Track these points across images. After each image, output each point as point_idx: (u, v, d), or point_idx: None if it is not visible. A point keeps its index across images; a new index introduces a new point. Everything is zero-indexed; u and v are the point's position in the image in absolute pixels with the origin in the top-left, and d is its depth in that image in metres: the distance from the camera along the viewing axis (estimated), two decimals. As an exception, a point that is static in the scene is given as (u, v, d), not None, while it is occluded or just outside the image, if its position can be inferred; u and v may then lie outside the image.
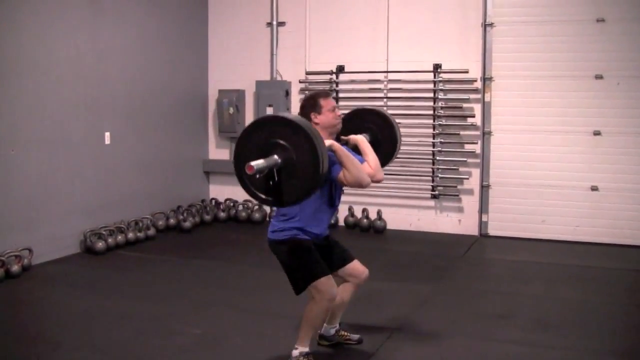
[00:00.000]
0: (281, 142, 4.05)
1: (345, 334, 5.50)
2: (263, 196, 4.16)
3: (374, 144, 5.39)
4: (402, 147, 9.63)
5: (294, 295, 4.96)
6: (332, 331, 5.42)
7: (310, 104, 4.93)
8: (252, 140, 4.14)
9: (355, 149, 5.16)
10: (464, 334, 5.90)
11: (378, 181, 5.11)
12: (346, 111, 5.66)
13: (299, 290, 4.90)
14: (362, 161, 4.99)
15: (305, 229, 4.90)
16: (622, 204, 9.37)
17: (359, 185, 4.66)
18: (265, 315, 6.34)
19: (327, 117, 4.90)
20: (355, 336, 5.51)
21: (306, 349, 4.95)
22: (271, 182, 4.09)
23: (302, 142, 4.03)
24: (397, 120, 10.23)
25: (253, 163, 3.93)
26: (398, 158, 10.05)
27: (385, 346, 5.55)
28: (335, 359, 5.26)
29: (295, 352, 4.96)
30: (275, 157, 4.04)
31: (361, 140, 5.20)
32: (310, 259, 4.86)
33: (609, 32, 9.25)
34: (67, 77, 8.57)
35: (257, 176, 4.00)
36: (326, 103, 4.93)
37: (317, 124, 4.83)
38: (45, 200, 8.30)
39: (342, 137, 5.17)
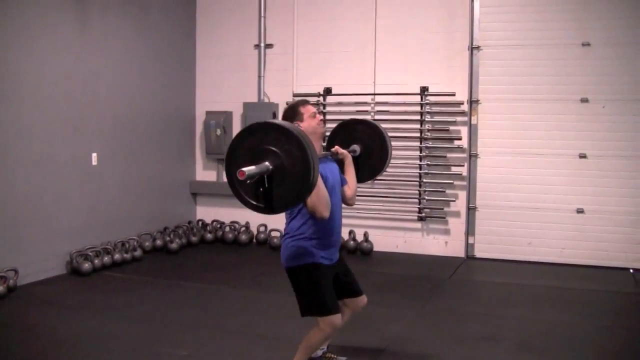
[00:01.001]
0: (273, 148, 4.04)
1: (332, 356, 5.49)
2: (254, 202, 4.13)
3: (364, 154, 5.49)
4: (388, 170, 9.69)
5: (282, 318, 4.98)
6: (320, 353, 5.41)
7: (290, 114, 4.96)
8: (244, 145, 4.12)
9: (340, 163, 5.20)
10: (450, 357, 5.90)
11: (350, 205, 5.23)
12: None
13: (306, 315, 4.90)
14: (344, 182, 5.05)
15: (318, 241, 4.86)
16: (608, 226, 9.41)
17: (313, 213, 4.62)
18: (253, 337, 6.32)
19: (310, 123, 4.93)
20: (342, 358, 5.51)
21: None
22: (261, 189, 4.07)
23: (293, 149, 4.03)
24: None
25: (245, 169, 3.92)
26: (385, 180, 10.18)
27: (371, 368, 5.55)
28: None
29: None
30: (267, 163, 4.02)
31: (348, 161, 5.23)
32: (325, 293, 4.85)
33: (594, 56, 9.34)
34: (54, 97, 8.57)
35: (248, 182, 3.99)
36: (305, 110, 4.98)
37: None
38: (31, 221, 8.27)
39: (332, 150, 5.20)
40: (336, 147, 5.29)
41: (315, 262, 4.83)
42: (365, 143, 5.66)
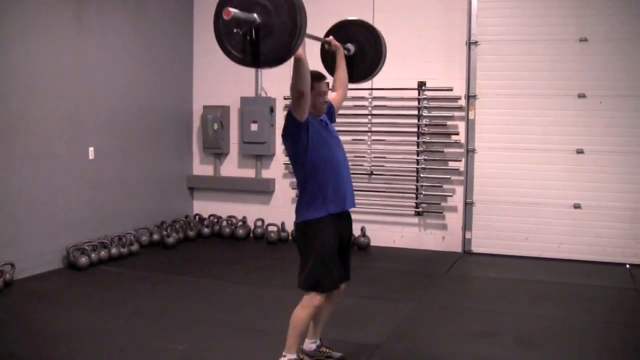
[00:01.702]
0: (263, 2, 4.04)
1: (327, 350, 5.47)
2: (239, 55, 4.12)
3: (358, 54, 5.72)
4: (385, 164, 9.67)
5: (277, 312, 4.97)
6: (314, 346, 5.37)
7: None
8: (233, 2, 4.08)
9: (332, 57, 5.51)
10: (446, 352, 5.90)
11: (341, 97, 5.47)
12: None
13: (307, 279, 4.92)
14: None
15: (327, 195, 4.93)
16: (605, 221, 9.43)
17: (292, 89, 4.77)
18: (249, 332, 6.32)
19: (315, 99, 4.99)
20: (337, 354, 5.48)
21: (294, 357, 4.95)
22: (248, 39, 4.04)
23: (283, 6, 4.02)
24: (381, 137, 10.36)
25: (232, 9, 3.88)
26: (382, 175, 10.19)
27: (368, 363, 5.56)
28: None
29: None
30: (255, 15, 4.01)
31: (340, 54, 5.44)
32: (331, 266, 4.90)
33: (592, 52, 9.35)
34: (51, 92, 8.55)
35: (235, 30, 3.94)
36: (318, 86, 5.03)
37: None
38: (28, 215, 8.26)
39: (326, 39, 5.35)
40: (330, 37, 5.33)
41: (323, 217, 4.90)
42: (360, 43, 5.81)
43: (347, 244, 5.24)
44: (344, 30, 5.83)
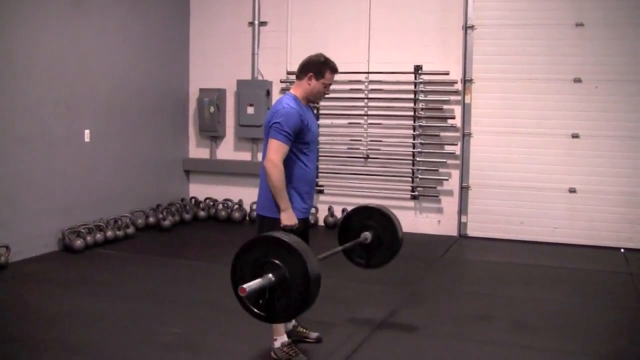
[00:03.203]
0: (276, 261, 4.08)
1: (304, 330, 5.50)
2: (256, 311, 4.19)
3: (375, 243, 5.61)
4: (382, 148, 9.68)
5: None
6: (290, 326, 5.39)
7: (317, 67, 5.01)
8: (248, 258, 4.17)
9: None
10: (442, 335, 5.93)
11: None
12: (326, 112, 5.69)
13: None
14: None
15: (295, 190, 5.01)
16: (600, 205, 9.46)
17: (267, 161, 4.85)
18: (245, 314, 6.29)
19: (319, 87, 5.01)
20: (314, 334, 5.52)
21: (285, 338, 5.00)
22: (261, 300, 4.13)
23: (295, 262, 4.06)
24: (378, 121, 10.36)
25: (246, 285, 3.96)
26: (378, 159, 10.20)
27: (363, 346, 5.56)
28: (314, 358, 5.26)
29: (276, 344, 5.01)
30: (270, 275, 4.07)
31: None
32: None
33: (588, 37, 9.34)
34: (47, 75, 8.52)
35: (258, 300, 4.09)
36: (329, 77, 5.04)
37: (307, 85, 4.97)
38: (23, 198, 8.25)
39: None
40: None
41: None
42: (377, 232, 5.68)
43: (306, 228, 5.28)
44: (360, 215, 5.74)
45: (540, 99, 9.62)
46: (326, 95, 5.28)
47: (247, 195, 10.98)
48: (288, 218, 4.85)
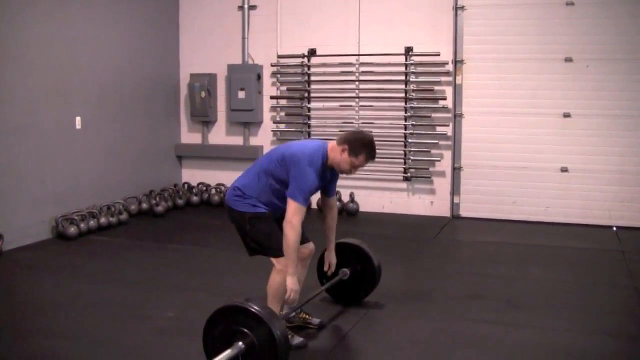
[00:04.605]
0: (244, 329, 4.27)
1: (307, 316, 5.52)
2: None
3: (353, 276, 5.84)
4: (373, 130, 9.68)
5: (267, 279, 5.01)
6: (293, 313, 5.38)
7: (356, 146, 5.05)
8: (217, 327, 4.41)
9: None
10: (436, 315, 5.96)
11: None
12: (318, 94, 5.67)
13: (254, 255, 5.26)
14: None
15: (260, 201, 5.08)
16: (592, 184, 9.49)
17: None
18: (241, 293, 6.33)
19: (346, 163, 5.08)
20: (317, 320, 5.53)
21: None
22: None
23: (263, 332, 4.23)
24: (369, 103, 10.34)
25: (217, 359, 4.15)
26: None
27: (357, 327, 5.59)
28: (308, 337, 5.27)
29: None
30: (240, 343, 4.24)
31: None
32: (274, 234, 5.02)
33: (579, 15, 9.33)
34: (36, 62, 8.47)
35: None
36: (362, 160, 5.12)
37: (340, 154, 5.04)
38: (16, 186, 8.23)
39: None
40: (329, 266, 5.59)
41: (259, 211, 5.05)
42: (354, 267, 5.91)
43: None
44: (340, 252, 5.80)
45: (531, 79, 9.62)
46: (349, 175, 5.40)
47: (239, 179, 10.96)
48: (294, 283, 4.90)
